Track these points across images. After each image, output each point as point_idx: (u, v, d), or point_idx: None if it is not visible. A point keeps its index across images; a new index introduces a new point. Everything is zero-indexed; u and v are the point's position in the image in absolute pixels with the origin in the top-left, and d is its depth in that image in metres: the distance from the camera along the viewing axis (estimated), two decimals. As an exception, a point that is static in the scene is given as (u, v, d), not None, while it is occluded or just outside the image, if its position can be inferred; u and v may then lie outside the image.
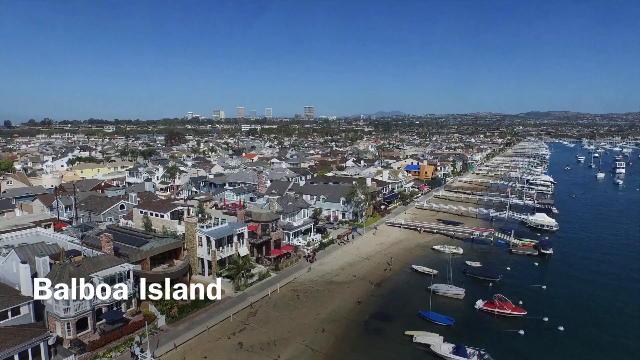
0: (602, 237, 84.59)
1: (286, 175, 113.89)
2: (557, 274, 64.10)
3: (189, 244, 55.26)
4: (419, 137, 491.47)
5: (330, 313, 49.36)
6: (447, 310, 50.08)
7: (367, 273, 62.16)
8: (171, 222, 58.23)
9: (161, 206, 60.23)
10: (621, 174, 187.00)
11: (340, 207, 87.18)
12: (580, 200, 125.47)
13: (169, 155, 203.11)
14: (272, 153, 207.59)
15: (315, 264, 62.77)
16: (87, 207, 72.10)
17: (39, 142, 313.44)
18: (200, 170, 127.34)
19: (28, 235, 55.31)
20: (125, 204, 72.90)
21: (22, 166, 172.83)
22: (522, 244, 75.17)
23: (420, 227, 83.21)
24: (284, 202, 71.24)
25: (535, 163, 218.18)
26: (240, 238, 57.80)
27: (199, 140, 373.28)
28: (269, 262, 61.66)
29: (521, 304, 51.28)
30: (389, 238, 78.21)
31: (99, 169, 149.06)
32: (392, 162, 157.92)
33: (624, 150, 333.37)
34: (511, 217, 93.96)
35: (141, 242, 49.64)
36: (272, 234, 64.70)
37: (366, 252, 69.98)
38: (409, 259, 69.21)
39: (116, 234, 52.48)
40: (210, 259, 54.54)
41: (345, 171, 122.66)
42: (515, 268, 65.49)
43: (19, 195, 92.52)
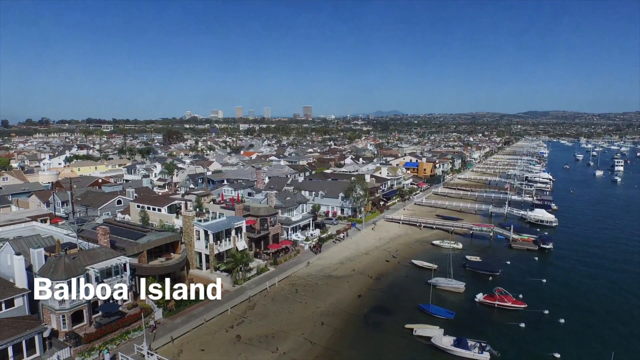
0: (601, 232, 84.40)
1: (285, 172, 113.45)
2: (557, 268, 63.85)
3: (186, 238, 54.68)
4: (418, 137, 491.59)
5: (329, 307, 48.92)
6: (447, 304, 49.76)
7: (366, 267, 61.74)
8: (169, 216, 57.67)
9: (159, 200, 59.67)
10: (620, 172, 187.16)
11: (339, 203, 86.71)
12: (579, 197, 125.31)
13: (167, 153, 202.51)
14: (270, 151, 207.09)
15: (314, 258, 62.29)
16: (84, 203, 71.49)
17: (36, 141, 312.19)
18: (199, 167, 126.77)
19: (24, 228, 54.73)
20: (122, 199, 72.29)
21: (19, 164, 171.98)
22: (521, 239, 74.82)
23: (419, 222, 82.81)
24: (283, 196, 70.73)
25: (533, 161, 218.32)
26: (238, 232, 57.29)
27: (197, 139, 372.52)
28: (267, 256, 61.11)
29: (521, 297, 51.02)
30: (388, 233, 77.81)
31: (97, 167, 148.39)
32: (391, 159, 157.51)
33: (621, 149, 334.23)
34: (510, 213, 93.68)
35: (138, 236, 49.08)
36: (271, 229, 64.18)
37: (365, 247, 69.55)
38: (409, 253, 68.81)
39: (113, 228, 51.85)
40: (208, 252, 53.99)
41: (344, 168, 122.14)
42: (515, 262, 65.20)
43: (15, 192, 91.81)
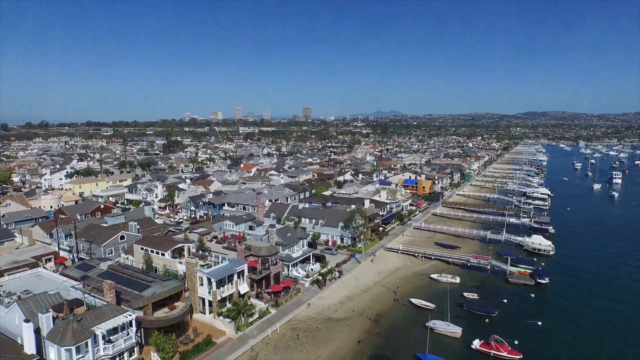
0: (597, 262, 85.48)
1: (284, 195, 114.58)
2: (553, 307, 65.01)
3: (190, 284, 55.84)
4: (417, 141, 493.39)
5: (329, 355, 50.17)
6: (444, 351, 50.93)
7: (365, 308, 62.92)
8: (172, 260, 58.79)
9: (162, 244, 60.71)
10: (617, 185, 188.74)
11: (339, 232, 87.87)
12: (576, 216, 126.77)
13: (167, 165, 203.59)
14: (270, 163, 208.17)
15: (315, 298, 63.45)
16: (88, 238, 72.52)
17: (36, 149, 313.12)
18: (199, 187, 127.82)
19: (30, 276, 55.96)
20: (125, 234, 73.36)
21: (20, 178, 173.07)
22: (518, 272, 76.16)
23: (418, 253, 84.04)
24: (283, 233, 71.84)
25: (532, 172, 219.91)
26: (240, 275, 58.49)
27: (197, 145, 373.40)
28: (268, 296, 62.32)
29: (517, 344, 52.19)
30: (386, 266, 78.97)
31: (97, 184, 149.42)
32: (390, 175, 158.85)
33: (620, 155, 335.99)
34: (508, 240, 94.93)
35: (143, 287, 50.21)
36: (272, 268, 65.33)
37: (364, 284, 70.74)
38: (408, 289, 70.06)
39: (117, 277, 53.07)
40: (211, 298, 55.17)
41: (344, 189, 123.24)
42: (512, 301, 66.39)
43: (18, 219, 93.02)
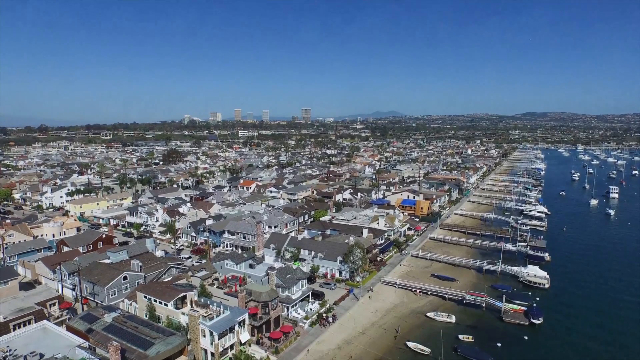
0: (593, 295, 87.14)
1: (284, 220, 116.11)
2: (547, 350, 66.51)
3: (192, 335, 57.32)
4: (416, 146, 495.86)
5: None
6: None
7: (362, 353, 64.48)
8: (175, 312, 60.31)
9: (165, 293, 62.16)
10: (614, 200, 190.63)
11: (337, 266, 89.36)
12: (571, 238, 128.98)
13: (167, 179, 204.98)
14: (269, 177, 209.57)
15: (314, 343, 64.94)
16: (91, 279, 73.90)
17: (35, 157, 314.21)
18: (199, 210, 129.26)
19: (35, 330, 57.33)
20: (128, 274, 74.79)
21: (21, 195, 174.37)
22: (512, 309, 77.85)
23: (415, 288, 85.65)
24: (283, 274, 73.31)
25: (530, 185, 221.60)
26: (241, 324, 59.98)
27: (197, 152, 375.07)
28: (268, 342, 63.83)
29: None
30: (384, 303, 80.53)
31: (98, 203, 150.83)
32: (388, 194, 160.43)
33: (618, 163, 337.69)
34: (504, 270, 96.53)
35: (147, 345, 51.67)
36: (272, 312, 66.85)
37: (362, 324, 72.29)
38: (404, 329, 71.66)
39: (122, 332, 54.58)
40: (213, 350, 56.67)
41: (342, 214, 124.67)
42: (506, 344, 67.80)
43: (21, 252, 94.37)
